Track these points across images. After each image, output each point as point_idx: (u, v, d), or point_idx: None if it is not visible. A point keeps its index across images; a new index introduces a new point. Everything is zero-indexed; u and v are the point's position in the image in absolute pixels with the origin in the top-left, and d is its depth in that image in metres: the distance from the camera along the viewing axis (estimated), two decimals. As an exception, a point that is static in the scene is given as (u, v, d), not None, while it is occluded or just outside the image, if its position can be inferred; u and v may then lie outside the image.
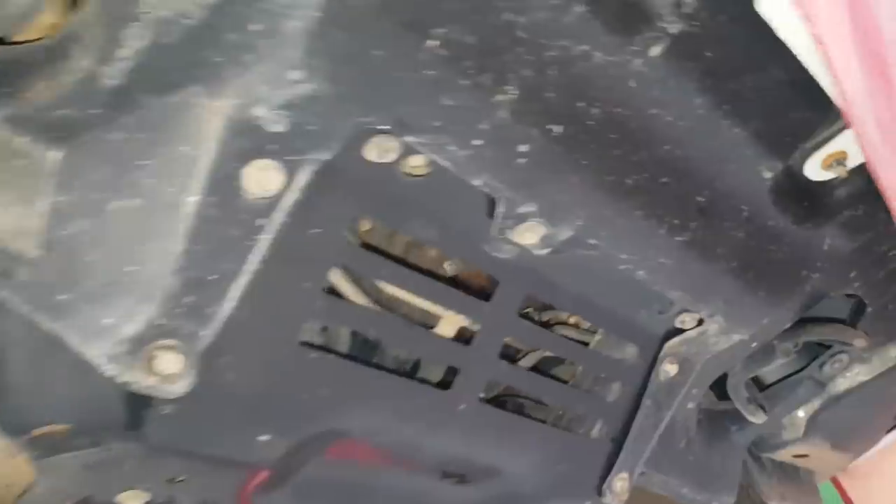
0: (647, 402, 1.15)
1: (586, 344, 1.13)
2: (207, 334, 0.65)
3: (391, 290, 0.91)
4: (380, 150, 0.69)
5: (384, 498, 0.98)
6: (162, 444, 0.73)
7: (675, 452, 1.34)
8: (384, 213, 0.78)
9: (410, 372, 1.06)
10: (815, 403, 1.47)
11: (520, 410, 1.19)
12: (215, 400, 0.73)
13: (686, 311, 1.08)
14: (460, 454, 1.01)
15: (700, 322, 1.11)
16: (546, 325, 1.15)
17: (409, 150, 0.70)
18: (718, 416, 1.42)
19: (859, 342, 1.24)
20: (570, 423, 1.14)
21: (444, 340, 0.95)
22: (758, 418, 1.36)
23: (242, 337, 0.71)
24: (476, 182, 0.70)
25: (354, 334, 0.94)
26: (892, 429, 1.76)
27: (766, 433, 1.53)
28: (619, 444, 1.15)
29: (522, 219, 0.75)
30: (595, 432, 1.13)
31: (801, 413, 1.48)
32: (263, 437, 0.79)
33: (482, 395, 1.00)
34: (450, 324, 0.97)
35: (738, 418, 1.44)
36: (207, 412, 0.73)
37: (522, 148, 0.69)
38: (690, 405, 1.33)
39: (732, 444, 1.44)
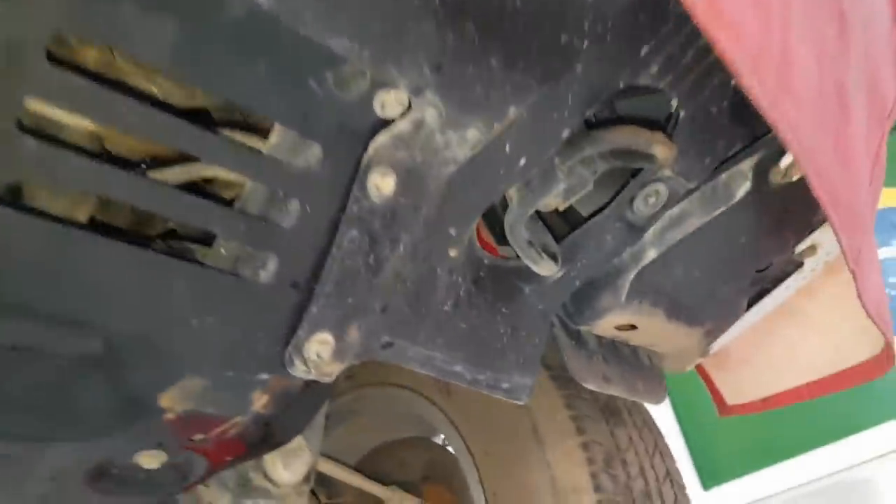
0: (349, 231, 0.83)
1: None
2: None
3: None
4: None
5: None
6: None
7: (438, 318, 1.04)
8: None
9: None
10: (635, 256, 1.18)
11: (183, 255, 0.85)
12: None
13: (380, 84, 0.76)
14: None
15: (409, 107, 0.78)
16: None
17: None
18: (506, 274, 1.12)
19: (661, 151, 0.93)
20: (236, 265, 0.81)
21: None
22: (545, 268, 1.06)
23: None
24: None
25: None
26: (758, 298, 1.50)
27: (578, 298, 1.24)
28: (307, 292, 0.83)
29: None
30: (266, 275, 0.80)
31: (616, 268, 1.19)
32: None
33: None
34: None
35: (531, 275, 1.14)
36: None
37: None
38: (453, 252, 1.02)
39: (528, 310, 1.15)
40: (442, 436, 1.73)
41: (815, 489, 3.72)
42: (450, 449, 1.69)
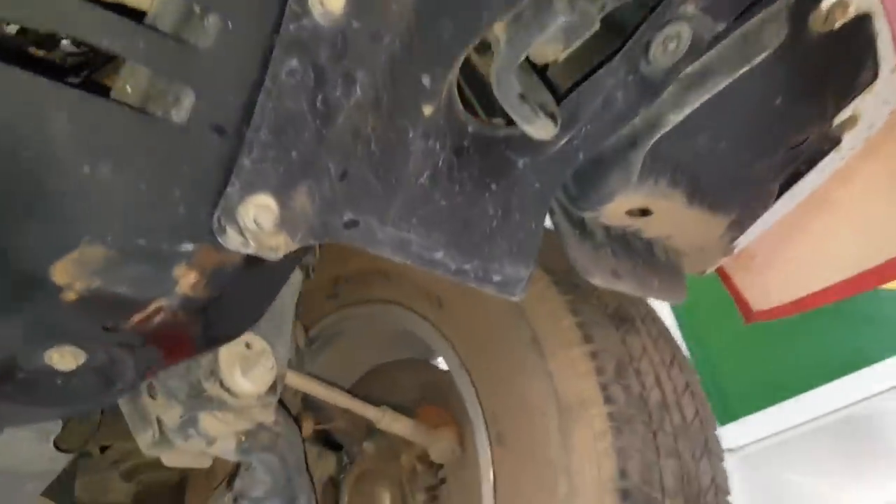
0: (287, 60, 0.65)
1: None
2: None
3: None
4: None
5: None
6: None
7: (412, 192, 0.87)
8: None
9: None
10: (650, 122, 1.01)
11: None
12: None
13: None
14: None
15: None
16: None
17: None
18: (495, 143, 0.95)
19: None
20: (146, 102, 0.64)
21: None
22: (542, 129, 0.89)
23: None
24: None
25: None
26: (790, 185, 1.32)
27: (582, 178, 1.07)
28: (237, 140, 0.66)
29: None
30: (180, 114, 0.63)
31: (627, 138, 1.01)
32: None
33: None
34: None
35: (525, 145, 0.97)
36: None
37: None
38: (427, 109, 0.85)
39: (521, 189, 0.98)
40: (440, 358, 1.59)
41: (830, 422, 3.61)
42: (446, 367, 1.55)
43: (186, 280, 0.69)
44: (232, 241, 0.66)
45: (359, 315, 1.80)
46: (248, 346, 1.02)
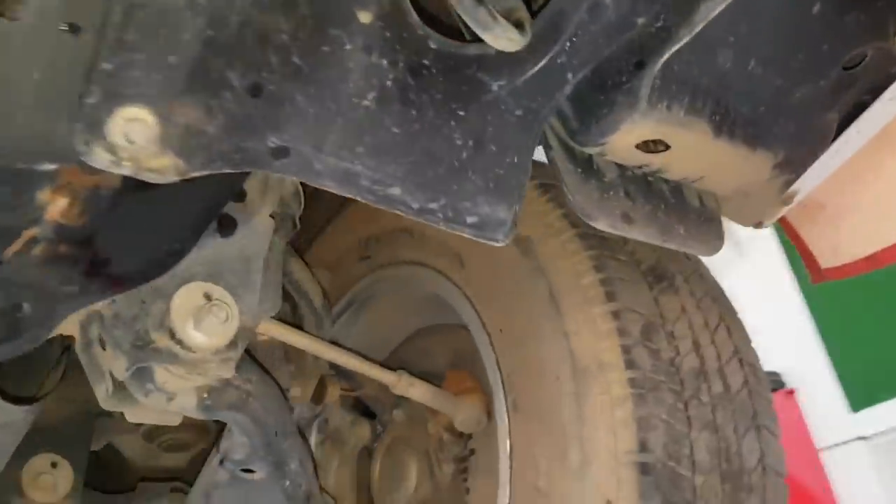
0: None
1: None
2: None
3: None
4: None
5: None
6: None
7: (354, 115, 0.77)
8: None
9: None
10: (655, 37, 0.86)
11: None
12: None
13: None
14: None
15: None
16: None
17: None
18: (462, 63, 0.83)
19: None
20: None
21: None
22: (503, 39, 0.76)
23: None
24: None
25: None
26: (852, 118, 1.13)
27: (581, 106, 0.93)
28: (96, 42, 0.58)
29: None
30: (28, 11, 0.55)
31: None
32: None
33: None
34: None
35: (500, 65, 0.84)
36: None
37: None
38: (364, 16, 0.74)
39: (497, 116, 0.86)
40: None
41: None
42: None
43: (55, 206, 0.62)
44: (99, 159, 0.58)
45: (390, 277, 1.72)
46: (207, 296, 0.95)
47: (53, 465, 1.36)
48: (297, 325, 1.50)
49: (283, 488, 1.21)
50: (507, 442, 1.25)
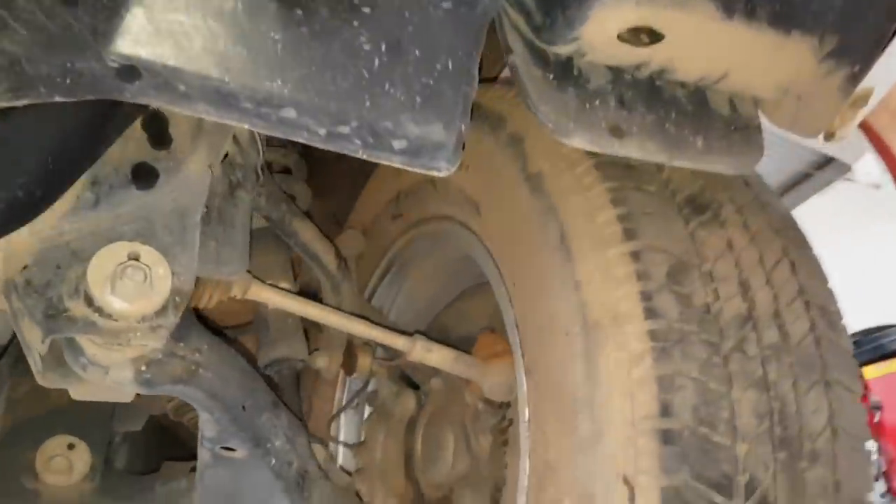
0: None
1: None
2: None
3: None
4: None
5: None
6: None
7: (218, 16, 0.64)
8: None
9: None
10: None
11: None
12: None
13: None
14: None
15: None
16: None
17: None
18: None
19: None
20: None
21: None
22: None
23: None
24: None
25: None
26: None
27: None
28: None
29: None
30: None
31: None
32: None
33: None
34: None
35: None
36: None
37: None
38: None
39: (420, 12, 0.70)
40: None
41: None
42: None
43: None
44: None
45: (422, 235, 1.58)
46: (134, 257, 0.85)
47: (70, 446, 1.33)
48: (314, 292, 1.40)
49: (270, 467, 1.12)
50: (527, 411, 1.10)
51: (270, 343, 1.41)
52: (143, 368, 0.94)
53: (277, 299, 1.22)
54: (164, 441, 1.69)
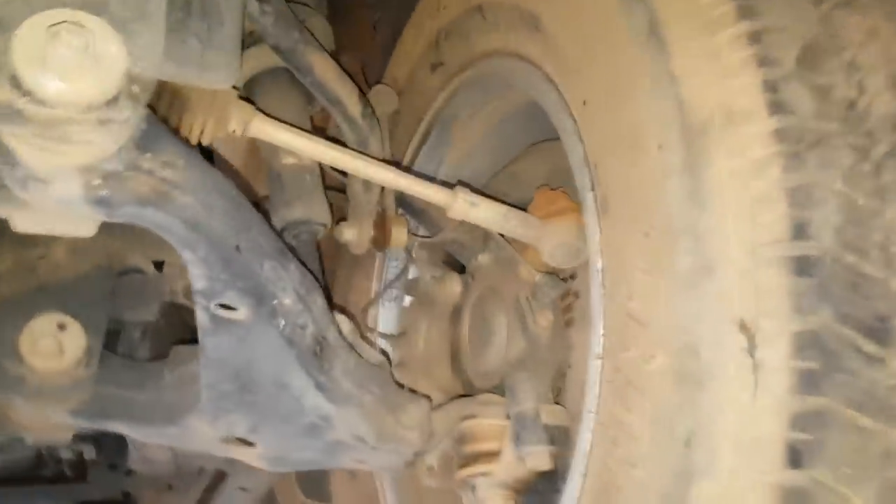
0: None
1: None
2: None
3: None
4: None
5: None
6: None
7: None
8: None
9: None
10: None
11: None
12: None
13: None
14: None
15: None
16: None
17: None
18: None
19: None
20: None
21: None
22: None
23: None
24: None
25: None
26: None
27: None
28: None
29: None
30: None
31: None
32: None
33: None
34: None
35: None
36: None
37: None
38: None
39: None
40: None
41: None
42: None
43: None
44: None
45: (467, 85, 1.36)
46: (74, 25, 0.64)
47: (61, 326, 1.17)
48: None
49: (280, 330, 0.93)
50: (599, 261, 0.89)
51: (285, 203, 1.21)
52: (97, 183, 0.74)
53: (287, 137, 1.01)
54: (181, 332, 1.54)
